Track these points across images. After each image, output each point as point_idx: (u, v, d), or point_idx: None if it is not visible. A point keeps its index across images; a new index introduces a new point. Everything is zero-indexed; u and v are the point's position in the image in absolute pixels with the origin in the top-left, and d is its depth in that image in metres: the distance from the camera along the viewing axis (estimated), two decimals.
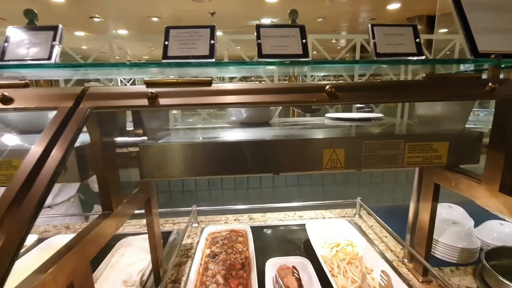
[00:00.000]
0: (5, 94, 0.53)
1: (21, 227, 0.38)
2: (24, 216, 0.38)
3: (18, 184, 0.41)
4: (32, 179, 0.43)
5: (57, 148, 0.46)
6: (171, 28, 0.73)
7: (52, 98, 0.55)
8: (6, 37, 0.69)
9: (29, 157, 0.44)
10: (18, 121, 0.82)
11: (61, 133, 0.49)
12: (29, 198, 0.40)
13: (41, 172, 0.43)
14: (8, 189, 0.40)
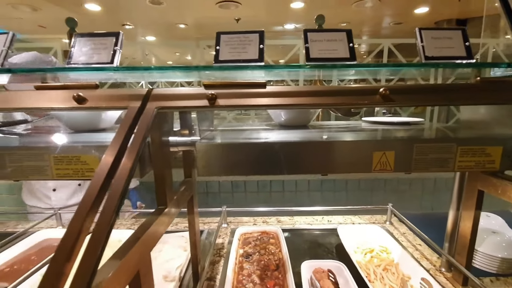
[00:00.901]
0: (80, 95, 0.58)
1: (109, 214, 0.41)
2: (112, 205, 0.42)
3: (102, 177, 0.45)
4: (113, 173, 0.46)
5: (132, 144, 0.49)
6: (222, 34, 0.77)
7: (120, 98, 0.60)
8: (73, 42, 0.75)
9: (109, 152, 0.48)
10: (74, 120, 0.88)
11: (133, 130, 0.53)
12: (113, 189, 0.44)
13: (120, 167, 0.47)
14: (93, 182, 0.44)
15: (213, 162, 0.63)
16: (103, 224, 0.40)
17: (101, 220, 0.41)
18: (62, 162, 0.64)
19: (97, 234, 0.40)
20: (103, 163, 0.46)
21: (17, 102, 0.60)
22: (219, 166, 0.64)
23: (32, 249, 1.20)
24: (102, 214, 0.41)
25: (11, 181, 2.37)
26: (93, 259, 0.37)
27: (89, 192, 0.43)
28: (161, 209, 0.67)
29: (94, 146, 0.64)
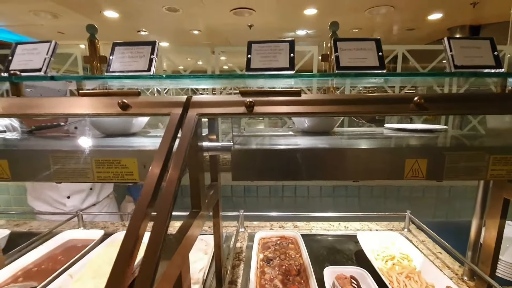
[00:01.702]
0: (124, 101, 0.61)
1: (164, 214, 0.43)
2: (166, 205, 0.44)
3: (154, 181, 0.47)
4: (162, 176, 0.49)
5: (178, 150, 0.52)
6: (253, 43, 0.79)
7: (161, 105, 0.62)
8: (111, 51, 0.79)
9: (158, 157, 0.50)
10: (108, 125, 0.92)
11: (176, 135, 0.55)
12: (165, 192, 0.46)
13: (169, 171, 0.49)
14: (146, 186, 0.46)
15: (249, 168, 0.65)
16: (159, 227, 0.42)
17: (156, 224, 0.43)
18: (103, 165, 0.66)
19: (155, 237, 0.42)
20: (154, 167, 0.48)
21: (63, 107, 0.63)
22: (254, 172, 0.66)
23: (57, 249, 1.23)
24: (157, 218, 0.43)
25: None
26: (153, 264, 0.39)
27: (144, 196, 0.45)
28: (196, 212, 0.69)
29: (134, 151, 0.67)
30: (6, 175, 0.68)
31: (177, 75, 0.71)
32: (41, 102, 0.65)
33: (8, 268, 1.06)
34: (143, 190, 0.46)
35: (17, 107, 0.63)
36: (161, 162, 0.49)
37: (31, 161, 0.67)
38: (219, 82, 1.08)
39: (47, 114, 0.63)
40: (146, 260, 0.39)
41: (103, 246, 1.19)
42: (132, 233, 0.41)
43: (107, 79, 0.75)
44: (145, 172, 0.67)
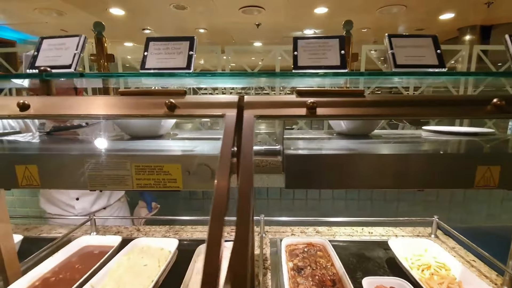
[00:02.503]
0: (172, 102, 0.55)
1: (247, 223, 0.38)
2: (247, 213, 0.38)
3: (226, 186, 0.42)
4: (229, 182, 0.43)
5: (244, 153, 0.46)
6: (299, 39, 0.74)
7: (212, 105, 0.56)
8: (146, 46, 0.73)
9: (223, 161, 0.44)
10: (136, 126, 0.86)
11: (235, 138, 0.49)
12: (242, 198, 0.41)
13: (240, 176, 0.43)
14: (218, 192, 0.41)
15: (306, 175, 0.60)
16: (244, 235, 0.37)
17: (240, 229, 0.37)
18: (144, 171, 0.60)
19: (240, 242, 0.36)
20: (222, 174, 0.43)
21: (103, 108, 0.57)
22: (309, 178, 0.60)
23: (74, 256, 1.17)
24: (240, 226, 0.38)
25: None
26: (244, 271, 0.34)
27: (218, 201, 0.40)
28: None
29: (177, 156, 0.61)
30: (35, 182, 0.62)
31: (224, 72, 0.65)
32: (77, 101, 0.59)
33: (25, 278, 0.99)
34: (216, 198, 0.40)
35: (51, 107, 0.57)
36: (228, 168, 0.44)
37: (63, 167, 0.61)
38: (268, 81, 1.01)
39: (88, 115, 0.57)
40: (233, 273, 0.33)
41: (122, 254, 1.13)
42: (215, 244, 0.35)
43: (145, 76, 0.69)
44: (189, 179, 0.61)
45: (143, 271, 1.05)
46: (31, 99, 0.57)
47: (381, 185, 0.59)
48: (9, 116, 0.56)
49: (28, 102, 0.56)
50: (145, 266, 1.08)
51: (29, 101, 0.56)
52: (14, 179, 0.62)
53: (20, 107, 0.56)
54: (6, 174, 0.62)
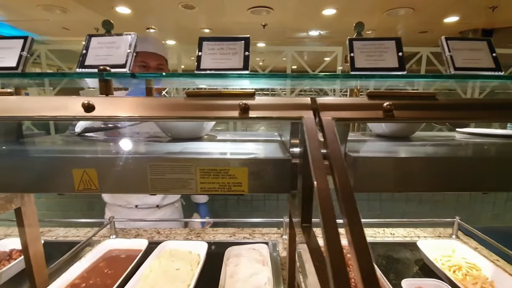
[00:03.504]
0: (246, 103, 0.54)
1: (359, 224, 0.37)
2: (356, 216, 0.37)
3: (328, 191, 0.41)
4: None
5: (334, 158, 0.45)
6: (355, 40, 0.73)
7: (285, 107, 0.55)
8: (199, 46, 0.71)
9: (317, 165, 0.43)
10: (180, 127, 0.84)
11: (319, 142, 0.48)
12: (348, 202, 0.39)
13: (338, 180, 0.42)
14: (323, 197, 0.40)
15: (375, 177, 0.59)
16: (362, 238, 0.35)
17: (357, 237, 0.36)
18: (208, 175, 0.59)
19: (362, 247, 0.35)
20: (320, 176, 0.42)
21: (170, 109, 0.55)
22: (376, 181, 0.60)
23: (100, 261, 1.14)
24: (352, 230, 0.36)
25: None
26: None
27: (325, 205, 0.38)
28: (308, 227, 0.62)
29: (243, 159, 0.59)
30: (93, 186, 0.59)
31: (286, 74, 0.64)
32: (141, 102, 0.57)
33: (55, 284, 0.96)
34: (321, 203, 0.39)
35: (117, 109, 0.55)
36: (325, 172, 0.43)
37: (124, 170, 0.59)
38: (320, 83, 1.01)
39: (157, 117, 0.55)
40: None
41: (153, 258, 1.10)
42: (337, 249, 0.34)
43: (200, 77, 0.67)
44: (254, 183, 0.60)
45: (176, 275, 1.02)
46: (95, 100, 0.54)
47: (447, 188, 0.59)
48: (74, 118, 0.53)
49: (92, 102, 0.54)
50: (178, 270, 1.05)
51: (93, 102, 0.54)
52: (70, 183, 0.59)
53: (85, 108, 0.54)
54: (61, 178, 0.59)
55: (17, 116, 0.54)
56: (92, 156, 0.59)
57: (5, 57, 0.71)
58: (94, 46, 0.70)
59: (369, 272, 0.33)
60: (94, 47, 0.70)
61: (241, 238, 1.47)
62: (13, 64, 0.70)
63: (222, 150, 0.70)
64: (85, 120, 0.59)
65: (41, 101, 0.56)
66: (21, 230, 0.90)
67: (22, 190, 0.60)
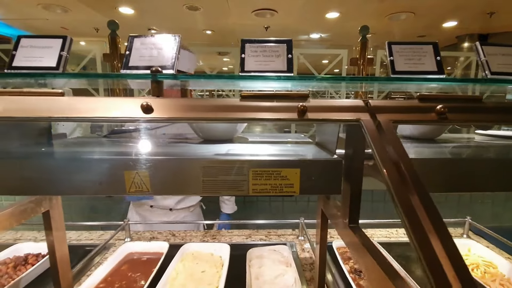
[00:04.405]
0: (304, 105, 0.54)
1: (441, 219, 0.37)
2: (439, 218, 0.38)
3: (404, 190, 0.41)
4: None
5: (403, 161, 0.46)
6: (393, 44, 0.75)
7: (340, 109, 0.56)
8: (242, 49, 0.71)
9: (387, 166, 0.44)
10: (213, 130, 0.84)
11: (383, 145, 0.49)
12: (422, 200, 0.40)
13: (412, 184, 0.43)
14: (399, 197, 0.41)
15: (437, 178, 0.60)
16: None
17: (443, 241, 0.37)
18: (261, 176, 0.59)
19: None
20: (395, 178, 0.42)
21: (228, 111, 0.56)
22: (437, 183, 0.61)
23: (122, 264, 1.12)
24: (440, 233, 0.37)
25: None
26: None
27: (407, 209, 0.39)
28: (356, 227, 0.63)
29: (294, 160, 0.60)
30: (145, 188, 0.59)
31: (344, 77, 0.65)
32: (197, 104, 0.57)
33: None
34: (403, 207, 0.40)
35: (175, 110, 0.55)
36: (398, 174, 0.43)
37: (177, 172, 0.59)
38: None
39: (213, 118, 0.55)
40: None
41: (177, 261, 1.09)
42: (433, 259, 0.35)
43: (247, 79, 0.67)
44: (305, 185, 0.60)
45: (203, 278, 1.02)
46: (153, 101, 0.54)
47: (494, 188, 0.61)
48: (133, 119, 0.53)
49: (150, 103, 0.54)
50: (203, 272, 1.05)
51: (151, 103, 0.54)
52: (122, 185, 0.59)
53: (143, 109, 0.53)
54: (111, 180, 0.58)
55: (71, 117, 0.54)
56: (144, 158, 0.59)
57: (44, 56, 0.70)
58: (138, 47, 0.70)
59: (466, 278, 0.34)
60: (138, 47, 0.70)
61: (257, 239, 1.47)
62: (53, 64, 0.69)
63: (266, 152, 0.71)
64: (143, 122, 0.58)
65: (94, 102, 0.56)
66: (49, 233, 0.88)
67: (70, 192, 0.59)
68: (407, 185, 0.44)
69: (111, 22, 0.85)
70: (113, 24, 0.85)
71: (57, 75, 0.67)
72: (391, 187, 0.42)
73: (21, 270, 1.09)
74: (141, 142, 0.85)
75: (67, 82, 0.75)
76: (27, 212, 0.77)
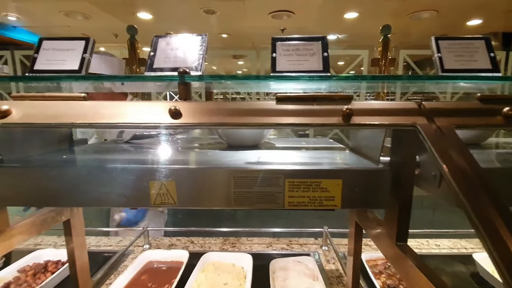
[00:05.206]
0: (350, 108, 0.48)
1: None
2: None
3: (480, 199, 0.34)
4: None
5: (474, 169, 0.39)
6: (440, 39, 0.68)
7: (389, 112, 0.49)
8: (273, 47, 0.66)
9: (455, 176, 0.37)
10: (241, 136, 0.78)
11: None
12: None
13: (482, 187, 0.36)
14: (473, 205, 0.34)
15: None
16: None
17: None
18: (298, 188, 0.53)
19: None
20: (471, 189, 0.36)
21: (262, 115, 0.50)
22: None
23: (142, 274, 1.09)
24: None
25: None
26: None
27: (484, 220, 0.32)
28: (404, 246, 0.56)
29: (335, 170, 0.54)
30: (171, 200, 0.54)
31: (400, 76, 0.58)
32: (229, 107, 0.52)
33: None
34: (478, 217, 0.33)
35: (206, 115, 0.50)
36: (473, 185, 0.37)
37: (205, 183, 0.53)
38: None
39: (249, 124, 0.49)
40: None
41: (198, 272, 1.04)
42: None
43: (280, 80, 0.62)
44: (348, 197, 0.54)
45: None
46: (181, 105, 0.50)
47: None
48: (161, 125, 0.48)
49: (178, 108, 0.49)
50: (226, 285, 0.99)
51: (179, 107, 0.49)
52: (146, 196, 0.54)
53: (172, 114, 0.49)
54: (135, 191, 0.54)
55: (95, 123, 0.50)
56: (171, 167, 0.54)
57: (66, 59, 0.68)
58: (163, 48, 0.66)
59: None
60: (162, 49, 0.66)
61: (279, 248, 1.41)
62: (76, 67, 0.66)
63: (300, 159, 0.65)
64: (172, 128, 0.54)
65: (119, 107, 0.52)
66: (69, 242, 0.85)
67: (92, 203, 0.55)
68: (481, 197, 0.37)
69: (131, 27, 0.83)
70: (132, 29, 0.83)
71: (80, 78, 0.64)
72: (463, 200, 0.36)
73: (40, 278, 1.07)
74: (165, 148, 0.81)
75: (88, 85, 0.72)
76: (48, 221, 0.75)
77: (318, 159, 0.66)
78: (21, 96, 0.54)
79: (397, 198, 0.55)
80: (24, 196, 0.56)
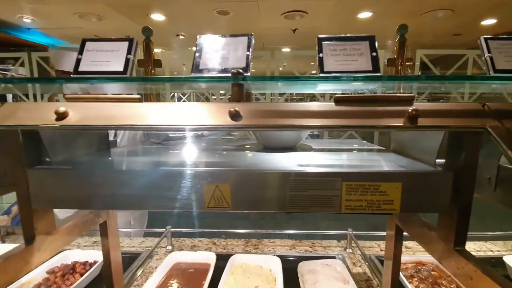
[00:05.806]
0: (417, 109, 0.47)
1: None
2: None
3: None
4: None
5: None
6: (490, 39, 0.66)
7: (456, 114, 0.48)
8: (319, 47, 0.65)
9: None
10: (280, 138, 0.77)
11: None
12: None
13: None
14: None
15: None
16: None
17: None
18: (356, 191, 0.52)
19: None
20: None
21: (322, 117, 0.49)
22: None
23: (168, 276, 1.08)
24: None
25: None
26: None
27: None
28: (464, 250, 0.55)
29: (396, 173, 0.52)
30: (225, 204, 0.53)
31: (470, 76, 0.57)
32: (285, 108, 0.51)
33: None
34: None
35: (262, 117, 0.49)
36: None
37: (259, 186, 0.52)
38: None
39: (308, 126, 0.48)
40: None
41: (227, 274, 1.03)
42: None
43: (325, 81, 0.61)
44: (407, 201, 0.52)
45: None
46: (240, 106, 0.49)
47: None
48: (223, 127, 0.48)
49: (238, 109, 0.48)
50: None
51: (239, 108, 0.48)
52: (200, 199, 0.53)
53: (231, 116, 0.48)
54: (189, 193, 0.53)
55: (155, 126, 0.49)
56: (225, 170, 0.53)
57: (110, 60, 0.67)
58: (207, 49, 0.65)
59: None
60: (207, 49, 0.65)
61: (302, 251, 1.40)
62: (120, 68, 0.66)
63: (351, 162, 0.63)
64: (229, 130, 0.53)
65: (175, 109, 0.51)
66: (105, 243, 0.85)
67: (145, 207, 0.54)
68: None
69: (146, 29, 0.83)
70: (148, 31, 0.83)
71: (127, 80, 0.64)
72: None
73: (69, 279, 1.07)
74: (205, 150, 0.80)
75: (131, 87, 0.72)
76: (88, 223, 0.75)
77: (370, 161, 0.64)
78: (76, 97, 0.54)
79: (457, 201, 0.54)
80: (77, 199, 0.55)
